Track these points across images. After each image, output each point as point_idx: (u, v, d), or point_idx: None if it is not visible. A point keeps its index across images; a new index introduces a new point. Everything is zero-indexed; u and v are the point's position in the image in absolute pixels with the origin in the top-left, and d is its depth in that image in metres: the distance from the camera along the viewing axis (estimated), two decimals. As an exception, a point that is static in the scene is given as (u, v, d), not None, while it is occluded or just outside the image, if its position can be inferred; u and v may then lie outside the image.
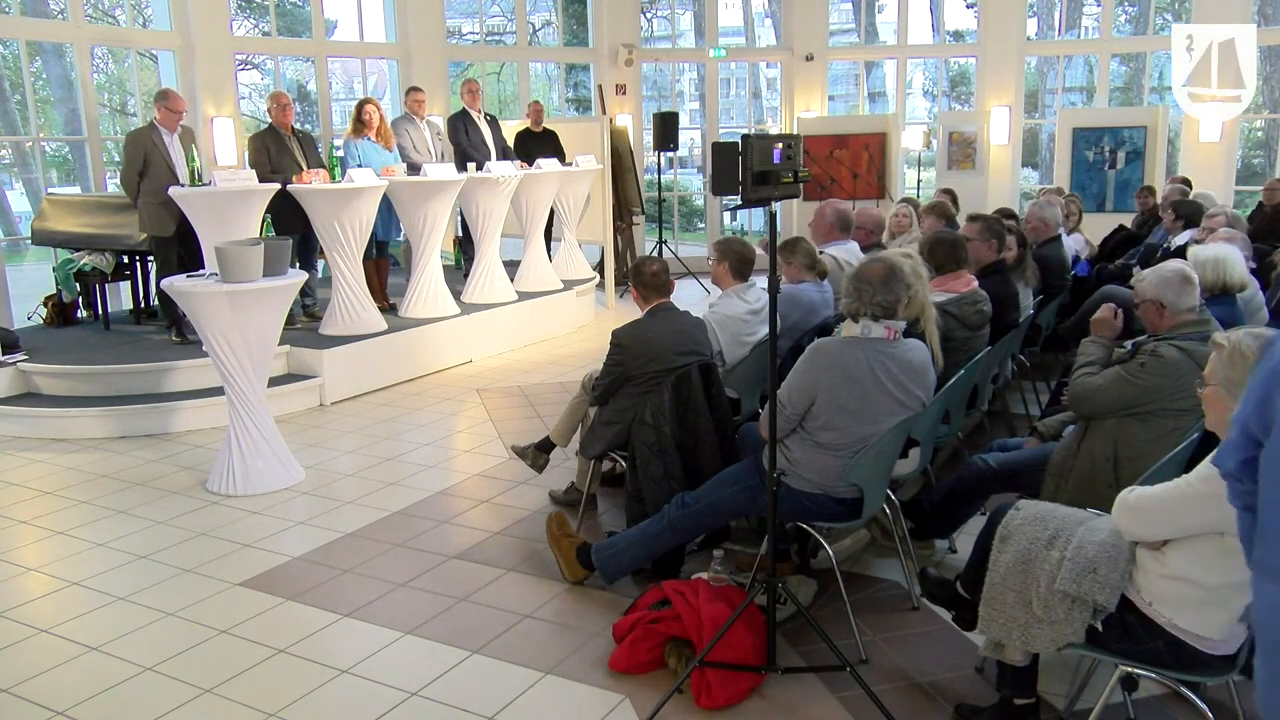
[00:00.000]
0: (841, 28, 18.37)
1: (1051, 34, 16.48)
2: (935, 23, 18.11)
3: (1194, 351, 3.28)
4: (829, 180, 12.05)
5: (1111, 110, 13.39)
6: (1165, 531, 2.54)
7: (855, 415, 3.42)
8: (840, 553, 4.07)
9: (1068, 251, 6.67)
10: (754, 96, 19.69)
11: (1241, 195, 12.49)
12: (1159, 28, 14.95)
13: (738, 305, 4.69)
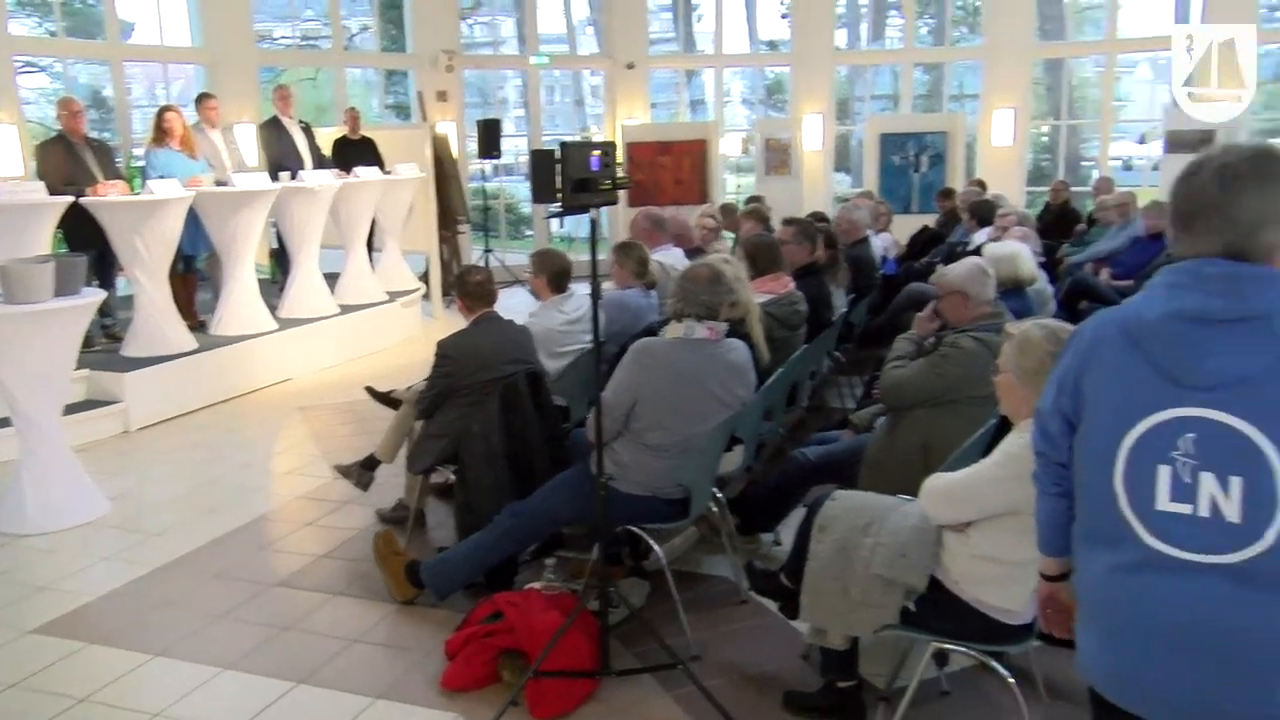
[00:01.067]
0: (662, 36, 18.70)
1: (859, 44, 17.29)
2: (751, 33, 18.73)
3: (990, 342, 3.50)
4: (653, 186, 12.24)
5: (915, 117, 14.17)
6: (968, 514, 2.69)
7: (680, 415, 3.48)
8: (671, 553, 4.13)
9: (876, 251, 7.01)
10: (578, 104, 19.80)
11: (1032, 195, 13.43)
12: (955, 40, 15.92)
13: (555, 317, 4.69)
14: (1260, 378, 1.55)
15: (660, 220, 5.86)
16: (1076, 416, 1.76)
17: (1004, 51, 13.42)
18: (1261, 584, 1.56)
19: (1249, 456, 1.55)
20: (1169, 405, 1.60)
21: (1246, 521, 1.55)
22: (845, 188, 16.23)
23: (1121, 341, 1.67)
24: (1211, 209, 1.61)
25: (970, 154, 13.79)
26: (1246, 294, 1.57)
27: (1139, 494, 1.63)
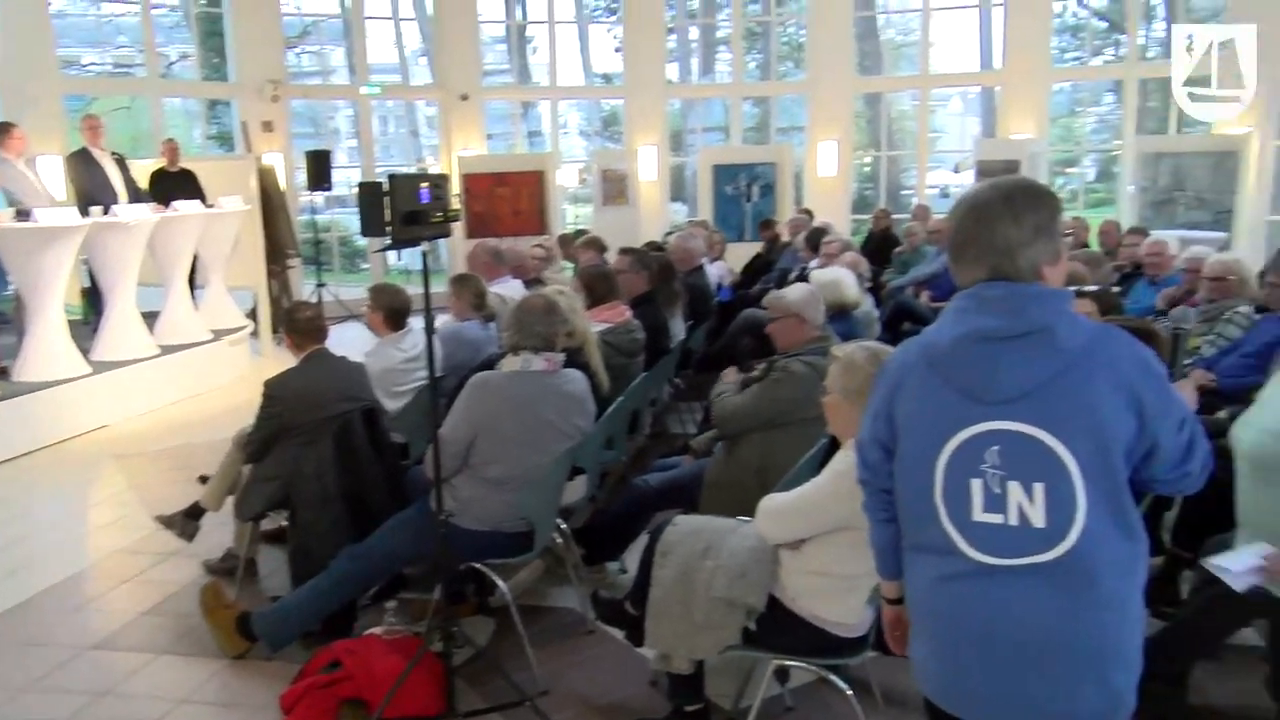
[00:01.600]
0: (497, 68, 18.71)
1: (691, 78, 17.76)
2: (585, 66, 18.97)
3: (818, 365, 3.63)
4: (491, 218, 12.18)
5: (745, 149, 14.66)
6: (802, 531, 2.78)
7: (520, 447, 3.46)
8: (516, 587, 4.08)
9: (711, 279, 7.18)
10: (413, 134, 19.51)
11: (858, 223, 14.08)
12: (781, 74, 16.57)
13: (393, 355, 4.59)
14: (1048, 386, 1.67)
15: (497, 252, 5.84)
16: (893, 443, 1.87)
17: (826, 86, 14.07)
18: (1064, 584, 1.68)
19: (1048, 462, 1.67)
20: (974, 421, 1.72)
21: (1051, 525, 1.68)
22: (681, 216, 16.61)
23: (924, 367, 1.80)
24: (974, 239, 1.77)
25: (799, 184, 14.36)
26: (1027, 311, 1.70)
27: (957, 507, 1.74)
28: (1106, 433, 1.67)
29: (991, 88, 14.83)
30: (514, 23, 15.43)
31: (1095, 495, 1.67)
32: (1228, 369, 4.71)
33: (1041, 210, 1.76)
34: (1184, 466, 1.77)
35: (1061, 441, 1.66)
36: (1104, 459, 1.67)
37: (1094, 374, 1.67)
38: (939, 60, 15.21)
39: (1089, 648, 1.70)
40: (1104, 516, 1.68)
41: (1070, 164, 18.85)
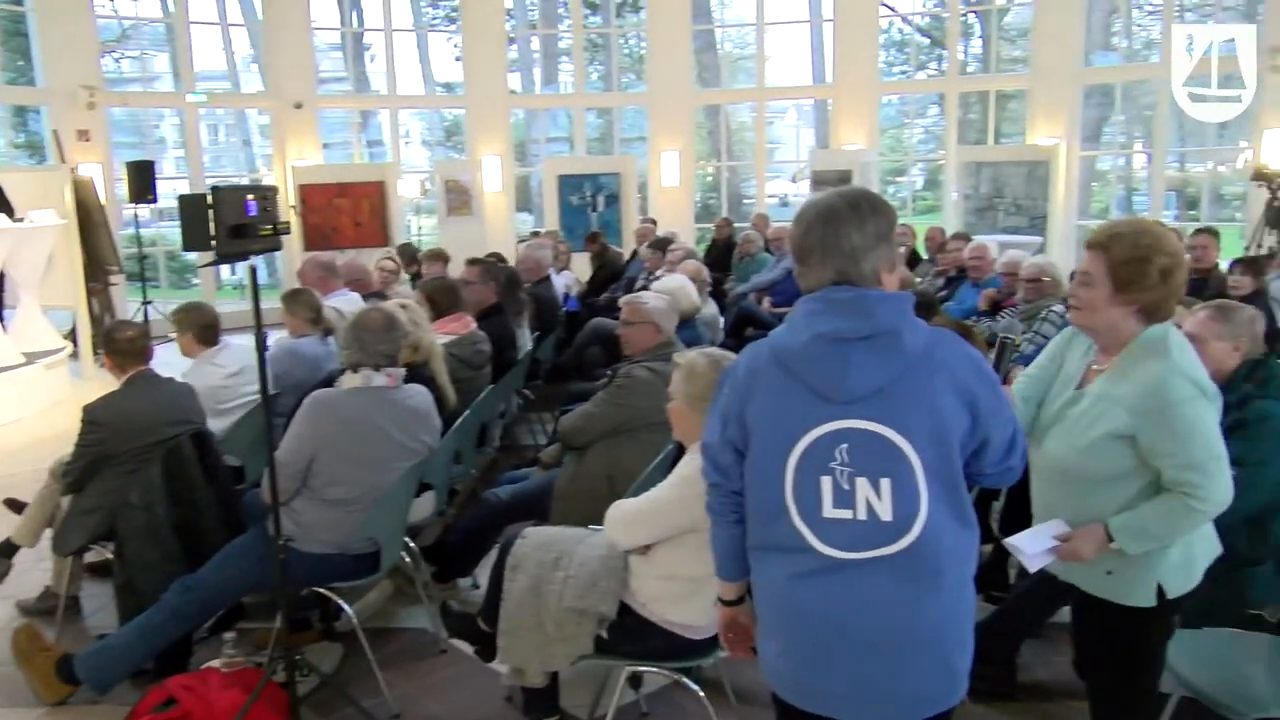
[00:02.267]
0: (333, 75, 18.20)
1: (533, 88, 17.74)
2: (425, 74, 18.67)
3: (662, 371, 3.67)
4: (330, 230, 11.82)
5: (589, 159, 14.74)
6: (650, 536, 2.80)
7: (363, 467, 3.36)
8: (365, 609, 3.97)
9: (558, 289, 7.18)
10: (245, 144, 18.76)
11: (702, 232, 14.35)
12: (624, 85, 16.76)
13: (212, 373, 4.38)
14: (893, 386, 1.76)
15: (330, 266, 5.66)
16: (745, 445, 1.89)
17: (667, 97, 14.31)
18: (910, 574, 1.76)
19: (894, 458, 1.75)
20: (824, 420, 1.78)
21: (897, 518, 1.76)
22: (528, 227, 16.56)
23: (775, 369, 1.84)
24: (821, 244, 1.83)
25: (644, 193, 14.54)
26: (875, 313, 1.77)
27: (807, 505, 1.80)
28: (945, 429, 1.76)
29: (824, 100, 15.40)
30: (349, 30, 15.05)
31: (936, 488, 1.76)
32: (1043, 364, 5.02)
33: (882, 219, 1.84)
34: (1008, 460, 1.89)
35: (906, 438, 1.75)
36: (943, 454, 1.77)
37: (934, 374, 1.77)
38: (775, 74, 15.72)
39: (934, 633, 1.79)
40: (943, 508, 1.77)
41: (900, 173, 19.80)
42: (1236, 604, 2.93)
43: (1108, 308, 2.25)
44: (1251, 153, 11.28)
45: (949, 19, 14.39)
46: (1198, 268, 6.23)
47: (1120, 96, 14.08)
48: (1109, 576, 2.29)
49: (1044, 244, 11.51)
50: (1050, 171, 12.35)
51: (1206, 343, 3.06)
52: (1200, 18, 15.49)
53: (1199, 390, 2.19)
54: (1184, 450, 2.17)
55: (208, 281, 13.44)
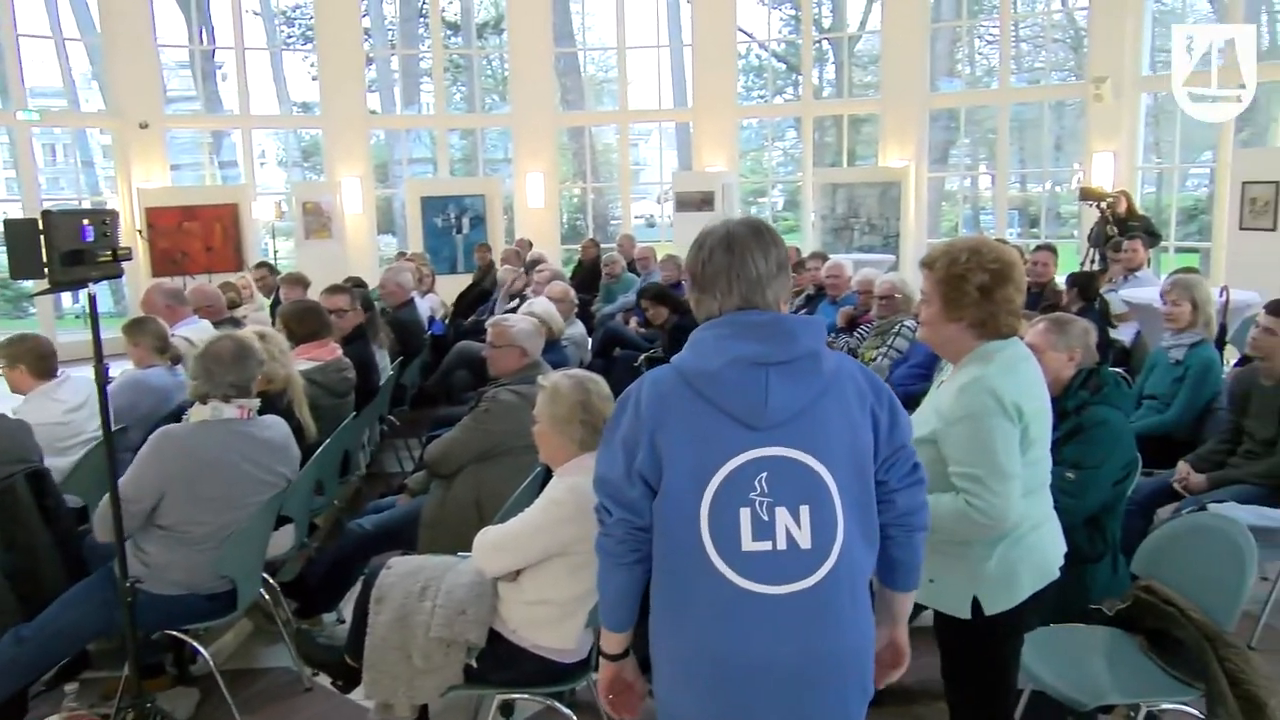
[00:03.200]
0: (182, 94, 17.48)
1: (394, 109, 17.45)
2: (280, 94, 18.13)
3: (527, 394, 3.65)
4: (180, 255, 11.33)
5: (453, 181, 14.60)
6: (518, 561, 2.77)
7: (216, 503, 3.21)
8: (223, 651, 3.79)
9: (422, 313, 7.06)
10: (86, 165, 17.82)
11: (569, 253, 14.35)
12: (488, 107, 16.67)
13: (51, 408, 4.12)
14: (812, 410, 1.75)
15: (177, 293, 5.41)
16: (656, 476, 1.79)
17: (530, 119, 14.31)
18: (831, 602, 1.74)
19: (812, 485, 1.73)
20: (743, 448, 1.73)
21: (815, 546, 1.73)
22: (391, 249, 16.25)
23: (687, 395, 1.77)
24: (726, 270, 1.80)
25: (510, 215, 14.48)
26: (798, 337, 1.77)
27: (725, 540, 1.73)
28: (861, 449, 1.78)
29: (686, 123, 15.68)
30: (198, 48, 14.49)
31: (851, 511, 1.75)
32: (900, 379, 5.24)
33: (781, 249, 1.85)
34: (916, 473, 1.89)
35: (823, 463, 1.74)
36: (859, 475, 1.78)
37: (845, 394, 1.78)
38: (637, 96, 15.90)
39: (856, 657, 1.80)
40: (856, 530, 1.77)
41: (760, 194, 20.29)
42: (1079, 599, 3.09)
43: (941, 324, 2.36)
44: (1083, 174, 12.06)
45: (804, 45, 14.88)
46: (1036, 282, 6.60)
47: (964, 120, 14.83)
48: (931, 584, 2.36)
49: (897, 262, 11.99)
50: (902, 192, 12.91)
51: (1044, 353, 3.24)
52: (1034, 47, 16.50)
53: (1000, 407, 2.22)
54: (968, 459, 2.24)
55: (45, 311, 12.65)
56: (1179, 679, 2.69)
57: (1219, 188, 11.11)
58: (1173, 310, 4.65)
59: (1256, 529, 3.07)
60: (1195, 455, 4.23)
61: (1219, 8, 13.60)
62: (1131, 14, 11.44)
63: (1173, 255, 11.92)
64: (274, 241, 13.23)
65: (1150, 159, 13.66)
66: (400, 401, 6.27)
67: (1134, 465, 3.34)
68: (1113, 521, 3.26)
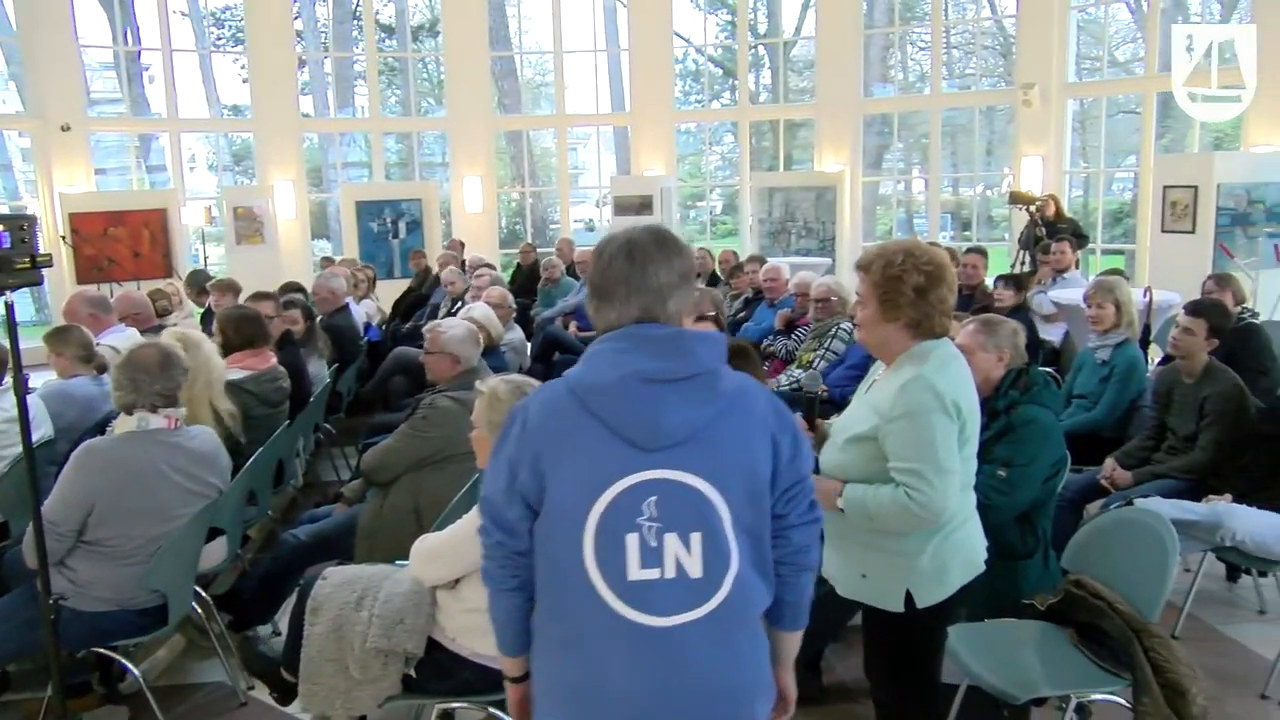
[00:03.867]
0: (107, 96, 17.04)
1: (328, 112, 17.21)
2: (210, 96, 17.78)
3: (465, 400, 3.62)
4: (106, 261, 11.02)
5: (389, 185, 14.43)
6: (456, 570, 2.75)
7: (144, 517, 3.13)
8: (155, 667, 3.70)
9: (358, 319, 6.97)
10: (4, 169, 17.30)
11: (508, 257, 14.28)
12: (424, 110, 16.51)
13: None
14: (707, 431, 1.66)
15: (101, 301, 5.25)
16: (538, 498, 1.69)
17: (467, 123, 14.21)
18: (723, 634, 1.66)
19: (704, 510, 1.64)
20: (632, 470, 1.63)
21: (707, 575, 1.64)
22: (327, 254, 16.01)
23: (576, 412, 1.66)
24: (626, 279, 1.70)
25: (447, 219, 14.35)
26: (696, 353, 1.67)
27: (611, 567, 1.63)
28: (757, 477, 1.69)
29: (624, 127, 15.70)
30: (122, 48, 14.12)
31: (744, 540, 1.68)
32: (836, 380, 5.31)
33: (685, 258, 1.76)
34: (814, 511, 1.81)
35: (717, 488, 1.65)
36: (753, 503, 1.69)
37: (745, 418, 1.70)
38: (575, 100, 15.89)
39: (748, 691, 1.72)
40: (749, 561, 1.69)
41: (699, 198, 20.43)
42: (1012, 595, 3.16)
43: (877, 325, 2.40)
44: (1013, 178, 12.34)
45: (739, 51, 15.00)
46: (967, 284, 6.73)
47: (898, 125, 15.08)
48: (864, 580, 2.42)
49: (834, 265, 12.14)
50: (837, 196, 13.07)
51: (974, 353, 3.31)
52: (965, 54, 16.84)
53: (939, 404, 2.27)
54: (908, 454, 2.28)
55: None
56: (1107, 670, 2.75)
57: (1142, 192, 11.46)
58: (1097, 313, 4.78)
59: (1178, 522, 3.17)
60: (1122, 452, 4.36)
61: (1139, 18, 14.03)
62: (1058, 23, 11.73)
63: (1100, 257, 12.23)
64: (205, 247, 12.94)
65: (1078, 163, 14.04)
66: (336, 409, 6.18)
67: (1063, 463, 3.42)
68: (1043, 518, 3.33)
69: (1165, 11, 12.67)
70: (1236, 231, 9.20)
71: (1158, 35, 11.78)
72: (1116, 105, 14.41)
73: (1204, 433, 4.08)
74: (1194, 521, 3.64)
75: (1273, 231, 9.24)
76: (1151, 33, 11.70)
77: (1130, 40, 17.13)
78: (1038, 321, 6.56)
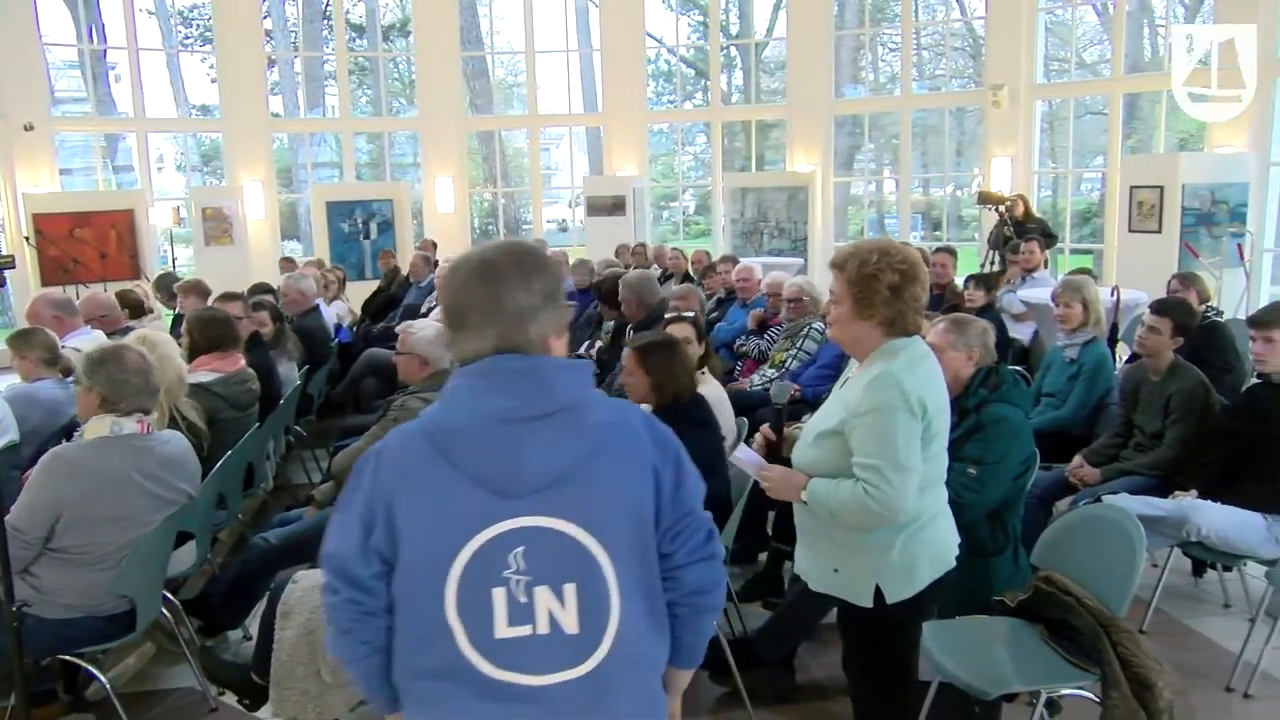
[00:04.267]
0: (72, 96, 16.84)
1: (298, 112, 17.07)
2: (178, 96, 17.60)
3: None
4: (72, 263, 10.88)
5: (360, 185, 14.35)
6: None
7: (114, 523, 3.09)
8: (124, 674, 3.66)
9: (328, 320, 6.92)
10: (-33, 170, 17.04)
11: (482, 258, 14.22)
12: (395, 110, 16.42)
13: None
14: (575, 472, 1.50)
15: (65, 304, 5.17)
16: (394, 553, 1.53)
17: (438, 123, 14.16)
18: (604, 693, 1.52)
19: (578, 559, 1.49)
20: (495, 519, 1.48)
21: (584, 629, 1.50)
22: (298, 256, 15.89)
23: (431, 457, 1.50)
24: (480, 304, 1.53)
25: (419, 220, 14.29)
26: (555, 386, 1.51)
27: (476, 625, 1.49)
28: (639, 515, 1.55)
29: (596, 127, 15.69)
30: (87, 47, 13.95)
31: (630, 588, 1.53)
32: (808, 379, 5.33)
33: (548, 276, 1.57)
34: (710, 545, 1.65)
35: (593, 534, 1.50)
36: (638, 547, 1.55)
37: (622, 452, 1.55)
38: (547, 101, 15.86)
39: None
40: (639, 611, 1.54)
41: (671, 198, 20.46)
42: (983, 592, 3.18)
43: (851, 323, 2.41)
44: (982, 178, 12.45)
45: (711, 51, 15.03)
46: (937, 283, 6.79)
47: (869, 126, 15.17)
48: (835, 574, 2.43)
49: (806, 265, 12.20)
50: (809, 196, 13.13)
51: (945, 352, 3.33)
52: (935, 55, 16.98)
53: (904, 401, 2.28)
54: (869, 450, 2.29)
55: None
56: (1077, 665, 2.78)
57: (1109, 192, 11.61)
58: (1064, 312, 4.83)
59: (1146, 518, 3.21)
60: (1090, 449, 4.41)
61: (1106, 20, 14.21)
62: (1026, 24, 11.86)
63: (1068, 257, 12.38)
64: (173, 248, 12.81)
65: (1046, 164, 14.19)
66: (307, 411, 6.13)
67: (1033, 460, 3.45)
68: (1013, 515, 3.37)
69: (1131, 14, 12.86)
70: (1201, 231, 9.34)
71: (1123, 37, 11.96)
72: (1084, 106, 14.60)
73: (1170, 430, 4.14)
74: (1160, 517, 3.68)
75: (1236, 231, 9.39)
76: (1118, 34, 11.87)
77: (1097, 42, 17.35)
78: (1007, 320, 6.62)
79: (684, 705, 1.80)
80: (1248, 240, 9.33)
